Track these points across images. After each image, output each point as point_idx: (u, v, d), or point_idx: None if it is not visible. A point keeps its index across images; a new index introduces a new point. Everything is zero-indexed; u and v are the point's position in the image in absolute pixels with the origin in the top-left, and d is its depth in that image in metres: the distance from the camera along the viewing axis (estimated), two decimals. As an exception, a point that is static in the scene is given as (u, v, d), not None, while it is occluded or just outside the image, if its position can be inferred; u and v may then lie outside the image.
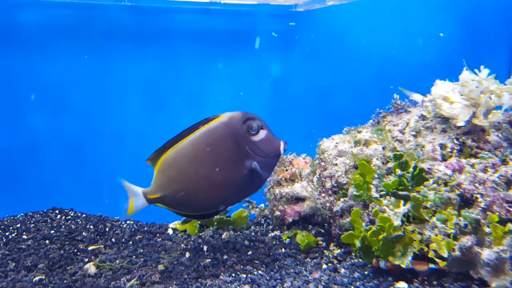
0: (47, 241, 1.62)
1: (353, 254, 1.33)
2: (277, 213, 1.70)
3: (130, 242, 1.69)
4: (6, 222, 1.76)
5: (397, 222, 1.14)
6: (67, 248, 1.58)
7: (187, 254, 1.54)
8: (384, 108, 1.75)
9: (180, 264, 1.45)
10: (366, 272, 1.20)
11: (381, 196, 1.27)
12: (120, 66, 1.99)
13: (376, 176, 1.32)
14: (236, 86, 2.11)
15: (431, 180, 1.23)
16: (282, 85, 2.16)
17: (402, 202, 1.20)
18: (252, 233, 1.74)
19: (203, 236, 1.75)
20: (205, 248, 1.60)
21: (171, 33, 2.04)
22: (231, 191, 1.35)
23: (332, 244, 1.46)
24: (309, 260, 1.37)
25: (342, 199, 1.41)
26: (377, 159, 1.46)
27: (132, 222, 1.94)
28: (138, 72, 2.02)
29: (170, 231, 1.86)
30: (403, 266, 1.08)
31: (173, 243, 1.69)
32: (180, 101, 2.07)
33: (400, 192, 1.17)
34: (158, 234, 1.81)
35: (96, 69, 1.94)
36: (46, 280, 1.37)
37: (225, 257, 1.49)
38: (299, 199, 1.72)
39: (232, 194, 1.36)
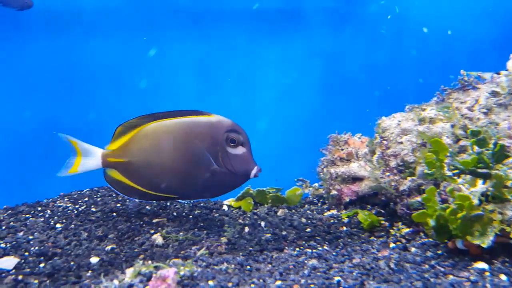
0: (114, 214, 1.71)
1: (421, 233, 1.30)
2: (334, 192, 1.69)
3: (190, 216, 1.75)
4: (75, 196, 1.88)
5: (475, 201, 1.09)
6: (133, 220, 1.66)
7: (246, 229, 1.58)
8: (449, 85, 1.67)
9: (241, 237, 1.48)
10: (439, 252, 1.16)
11: (454, 174, 1.22)
12: (175, 47, 2.02)
13: (448, 154, 1.26)
14: (287, 65, 2.08)
15: (511, 158, 1.16)
16: (335, 63, 2.10)
17: (479, 180, 1.15)
18: (308, 212, 1.74)
19: (258, 213, 1.78)
20: (262, 224, 1.63)
21: (223, 13, 2.03)
22: (188, 185, 1.38)
23: (399, 223, 1.43)
24: (375, 239, 1.35)
25: (409, 178, 1.37)
26: (447, 137, 1.39)
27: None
28: (192, 53, 2.04)
29: (225, 208, 1.91)
30: (483, 245, 1.04)
31: (230, 218, 1.73)
32: (231, 81, 2.08)
33: (480, 170, 1.11)
34: (214, 210, 1.86)
35: (153, 51, 1.98)
36: (118, 249, 1.46)
37: (284, 233, 1.50)
38: (356, 179, 1.70)
39: (187, 188, 1.39)
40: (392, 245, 1.27)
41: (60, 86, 1.96)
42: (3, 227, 1.61)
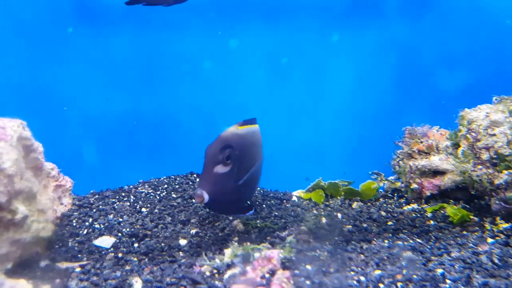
0: (193, 200, 1.79)
1: (520, 229, 1.24)
2: (414, 186, 1.65)
3: (264, 206, 1.79)
4: (154, 183, 1.99)
5: None
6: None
7: (323, 220, 1.58)
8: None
9: (321, 228, 1.49)
10: (547, 248, 1.11)
11: (562, 168, 1.15)
12: (248, 40, 2.06)
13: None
14: (359, 56, 2.05)
15: None
16: (409, 55, 2.04)
17: None
18: (384, 205, 1.71)
19: (331, 205, 1.78)
20: (339, 215, 1.63)
21: (293, 5, 2.04)
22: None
23: (496, 218, 1.37)
24: (468, 233, 1.30)
25: (505, 172, 1.30)
26: (547, 129, 1.31)
27: (258, 188, 2.04)
28: (263, 45, 2.07)
29: (294, 199, 1.93)
30: None
31: (302, 209, 1.75)
32: (301, 74, 2.09)
33: None
34: (285, 201, 1.89)
35: (227, 44, 2.04)
36: (202, 233, 1.53)
37: (364, 225, 1.49)
38: (437, 172, 1.65)
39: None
40: (490, 240, 1.22)
41: (142, 78, 2.07)
42: (94, 210, 1.74)
